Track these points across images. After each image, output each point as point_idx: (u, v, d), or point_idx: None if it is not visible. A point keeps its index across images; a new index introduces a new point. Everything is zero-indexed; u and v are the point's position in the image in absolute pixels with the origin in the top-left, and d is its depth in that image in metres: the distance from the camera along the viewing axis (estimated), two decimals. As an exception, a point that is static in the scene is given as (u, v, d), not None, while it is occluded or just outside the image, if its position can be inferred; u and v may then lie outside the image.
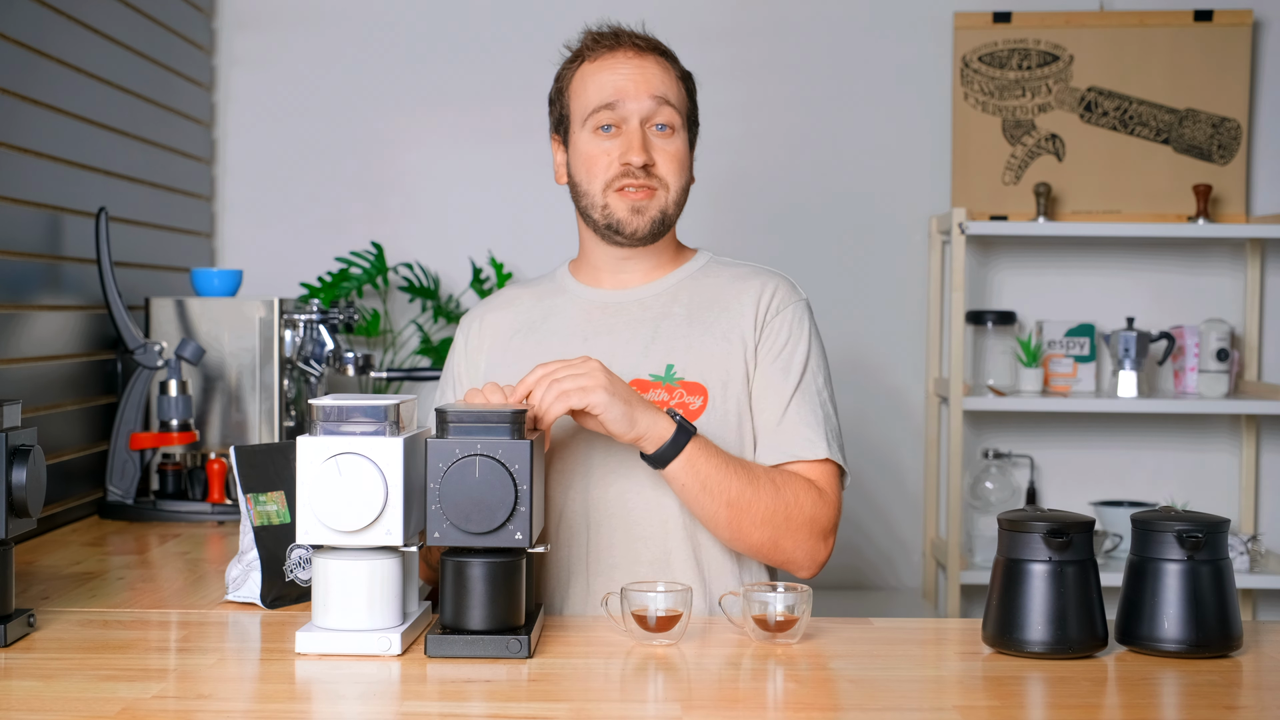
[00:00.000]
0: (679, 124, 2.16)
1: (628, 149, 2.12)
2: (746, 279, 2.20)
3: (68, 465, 2.79)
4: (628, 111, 2.13)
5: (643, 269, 2.22)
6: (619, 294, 2.21)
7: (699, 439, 1.98)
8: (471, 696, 1.61)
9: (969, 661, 1.79)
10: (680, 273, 2.23)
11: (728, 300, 2.18)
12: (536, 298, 2.26)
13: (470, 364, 2.25)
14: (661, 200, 2.15)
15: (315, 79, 3.79)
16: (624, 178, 2.13)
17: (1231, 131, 3.73)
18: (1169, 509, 1.85)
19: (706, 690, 1.68)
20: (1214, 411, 3.73)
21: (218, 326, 3.02)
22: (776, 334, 2.15)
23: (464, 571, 1.75)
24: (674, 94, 2.16)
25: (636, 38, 2.18)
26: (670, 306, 2.18)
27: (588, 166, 2.15)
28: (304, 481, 1.73)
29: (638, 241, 2.16)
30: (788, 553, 2.06)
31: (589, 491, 2.12)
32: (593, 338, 2.17)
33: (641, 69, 2.15)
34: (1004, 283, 3.86)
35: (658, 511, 2.11)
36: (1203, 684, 1.68)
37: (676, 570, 2.10)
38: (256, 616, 1.99)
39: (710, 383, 2.12)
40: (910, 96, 3.83)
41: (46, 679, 1.66)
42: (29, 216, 2.69)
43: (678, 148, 2.16)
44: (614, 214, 2.14)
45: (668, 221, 2.17)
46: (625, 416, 1.92)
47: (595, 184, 2.15)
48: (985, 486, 3.75)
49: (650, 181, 2.13)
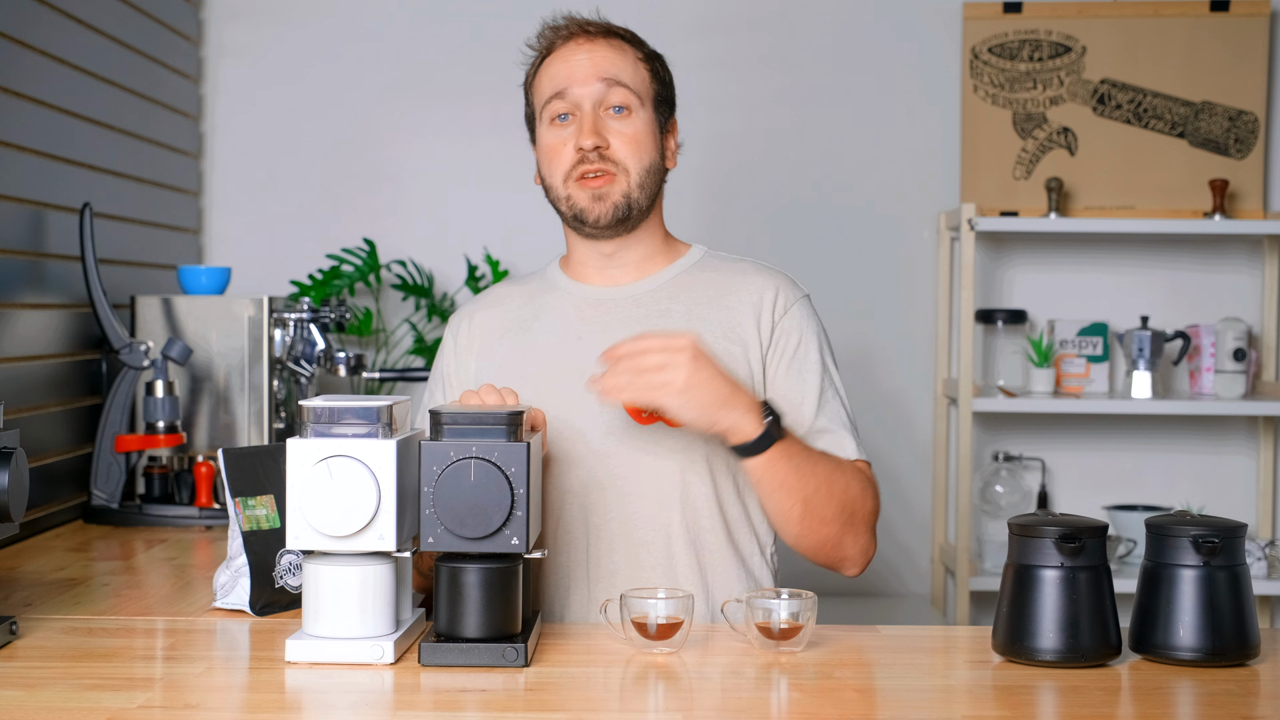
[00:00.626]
0: (635, 104, 2.14)
1: (579, 134, 2.11)
2: (746, 276, 2.18)
3: (51, 468, 2.80)
4: (578, 97, 2.12)
5: (632, 263, 2.19)
6: (611, 290, 2.19)
7: (784, 440, 1.96)
8: (466, 706, 1.61)
9: (978, 670, 1.79)
10: (674, 268, 2.20)
11: (728, 298, 2.16)
12: (527, 296, 2.24)
13: (460, 364, 2.23)
14: (622, 185, 2.12)
15: (306, 72, 3.80)
16: (580, 164, 2.11)
17: (1249, 125, 3.72)
18: (1184, 513, 1.85)
19: (708, 700, 1.68)
20: (1231, 413, 3.73)
21: (205, 325, 3.01)
22: (787, 337, 2.14)
23: (459, 578, 1.74)
24: (628, 74, 2.14)
25: (588, 24, 2.18)
26: (667, 304, 2.16)
27: (548, 159, 2.15)
28: (294, 485, 1.73)
29: (605, 230, 2.14)
30: (846, 549, 2.06)
31: (589, 495, 2.10)
32: (586, 336, 2.14)
33: (592, 53, 2.14)
34: (1014, 280, 3.86)
35: (660, 515, 2.09)
36: (1219, 693, 1.68)
37: (679, 576, 2.09)
38: (245, 624, 1.98)
39: None
40: (918, 89, 3.83)
41: (29, 688, 1.65)
42: (11, 212, 2.69)
43: (636, 129, 2.13)
44: (576, 203, 2.13)
45: (634, 206, 2.13)
46: (703, 417, 1.90)
47: (556, 176, 2.14)
48: (995, 490, 3.75)
49: (605, 165, 2.11)
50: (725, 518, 2.10)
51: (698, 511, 2.08)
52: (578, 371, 2.04)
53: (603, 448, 2.08)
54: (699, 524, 2.08)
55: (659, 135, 2.17)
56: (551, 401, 2.06)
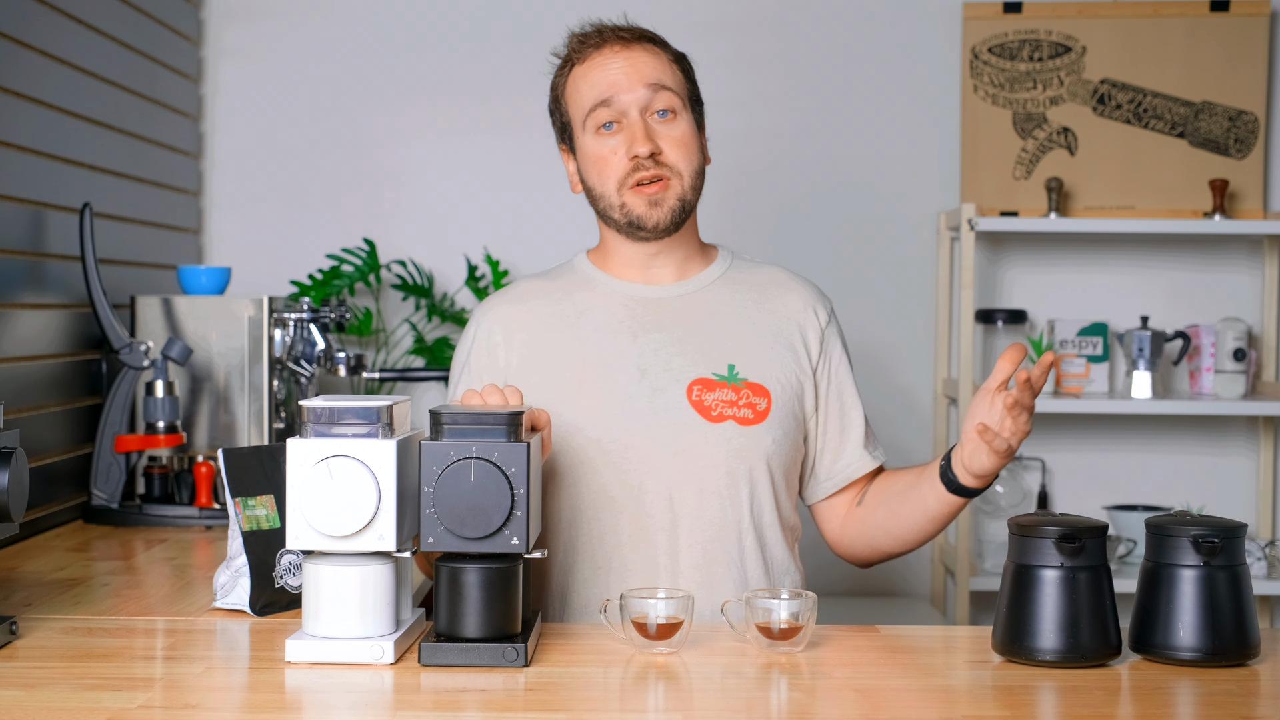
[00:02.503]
0: (679, 106, 2.16)
1: (632, 141, 2.12)
2: (784, 286, 2.24)
3: (51, 468, 2.79)
4: (625, 104, 2.13)
5: (674, 263, 2.22)
6: (657, 289, 2.20)
7: None
8: (466, 706, 1.61)
9: (978, 670, 1.79)
10: (713, 271, 2.25)
11: (771, 303, 2.22)
12: (563, 290, 2.23)
13: (490, 358, 2.19)
14: (677, 188, 2.15)
15: (306, 71, 3.78)
16: (635, 172, 2.12)
17: (1249, 125, 3.71)
18: (1184, 513, 1.85)
19: (708, 700, 1.67)
20: (1231, 413, 3.72)
21: (205, 325, 3.00)
22: (830, 352, 2.23)
23: (459, 578, 1.74)
24: (669, 77, 2.16)
25: (620, 30, 2.18)
26: (715, 305, 2.20)
27: (598, 169, 2.15)
28: (294, 485, 1.73)
29: (663, 233, 2.16)
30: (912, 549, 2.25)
31: (589, 495, 2.10)
32: (642, 334, 2.16)
33: (630, 59, 2.14)
34: (1014, 280, 3.85)
35: (663, 515, 2.09)
36: (1219, 693, 1.68)
37: (680, 576, 2.10)
38: (245, 624, 1.98)
39: (772, 385, 2.15)
40: (918, 89, 3.82)
41: (29, 688, 1.64)
42: (11, 212, 2.68)
43: (683, 131, 2.15)
44: (633, 211, 2.14)
45: (687, 208, 2.17)
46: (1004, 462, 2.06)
47: (609, 185, 2.14)
48: (995, 490, 3.74)
49: (661, 171, 2.13)
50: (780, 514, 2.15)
51: (762, 508, 2.13)
52: (635, 367, 2.10)
53: (602, 447, 2.09)
54: (761, 520, 2.12)
55: (699, 135, 2.20)
56: (609, 396, 2.09)
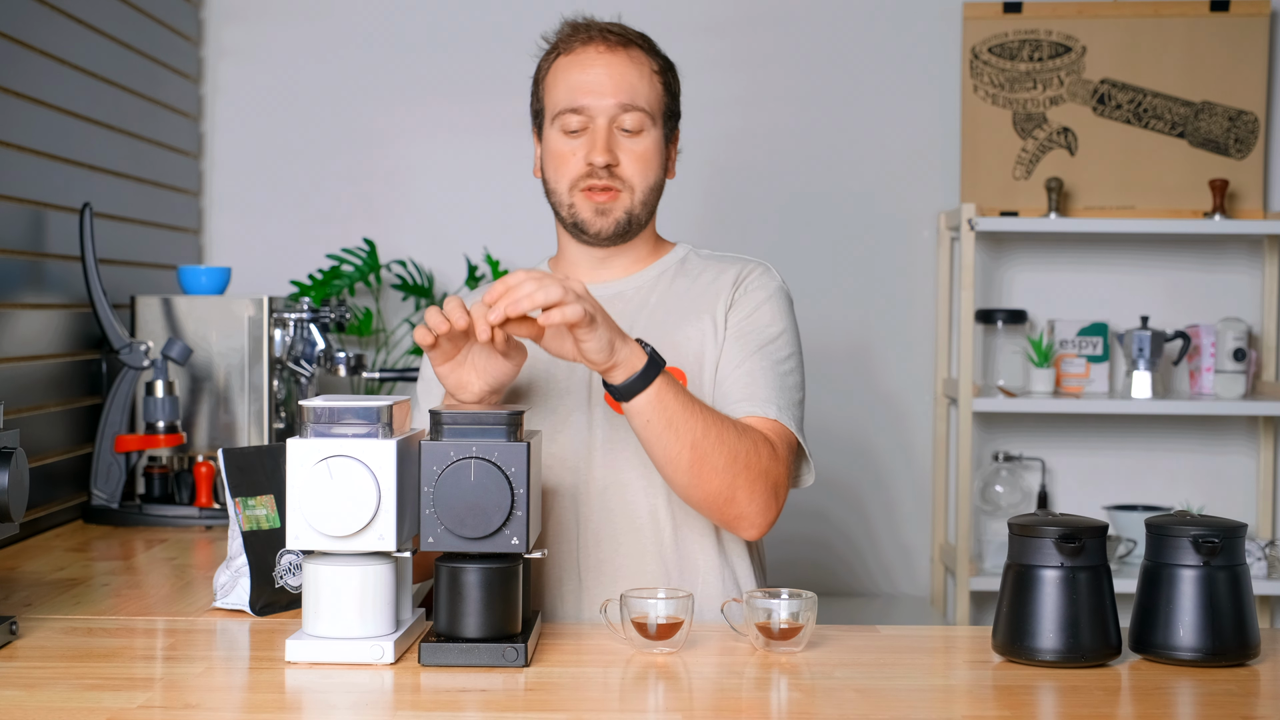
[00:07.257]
0: (648, 124, 2.16)
1: (592, 148, 2.13)
2: (724, 265, 2.23)
3: (51, 468, 2.78)
4: (594, 112, 2.14)
5: (622, 265, 2.23)
6: (598, 289, 2.20)
7: (667, 374, 1.92)
8: (466, 706, 1.60)
9: (978, 670, 1.78)
10: (658, 266, 2.25)
11: (705, 286, 2.20)
12: None
13: None
14: (626, 202, 2.16)
15: (306, 71, 3.78)
16: (588, 177, 2.14)
17: (1249, 125, 3.71)
18: (1184, 513, 1.85)
19: (708, 700, 1.67)
20: (1231, 413, 3.71)
21: (205, 325, 3.00)
22: (745, 303, 2.17)
23: (459, 578, 1.74)
24: (644, 93, 2.16)
25: (610, 31, 2.18)
26: (648, 297, 2.20)
27: (555, 164, 2.17)
28: (294, 485, 1.72)
29: (604, 242, 2.18)
30: (741, 505, 1.97)
31: (588, 495, 2.11)
32: None
33: (610, 67, 2.14)
34: (1014, 280, 3.85)
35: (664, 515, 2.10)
36: (1219, 693, 1.68)
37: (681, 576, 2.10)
38: (245, 624, 1.98)
39: (688, 364, 2.13)
40: (918, 89, 3.82)
41: (29, 688, 1.64)
42: (11, 212, 2.67)
43: (645, 147, 2.16)
44: (578, 214, 2.16)
45: (634, 222, 2.18)
46: (608, 343, 1.85)
47: (562, 182, 2.17)
48: (995, 490, 3.75)
49: (613, 182, 2.14)
50: None
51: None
52: (570, 366, 2.10)
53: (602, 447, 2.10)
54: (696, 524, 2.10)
55: (665, 150, 2.20)
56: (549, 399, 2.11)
